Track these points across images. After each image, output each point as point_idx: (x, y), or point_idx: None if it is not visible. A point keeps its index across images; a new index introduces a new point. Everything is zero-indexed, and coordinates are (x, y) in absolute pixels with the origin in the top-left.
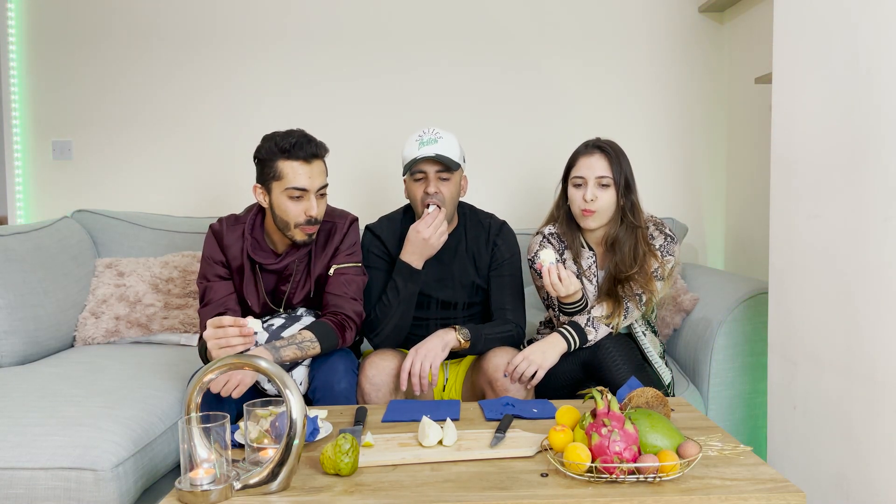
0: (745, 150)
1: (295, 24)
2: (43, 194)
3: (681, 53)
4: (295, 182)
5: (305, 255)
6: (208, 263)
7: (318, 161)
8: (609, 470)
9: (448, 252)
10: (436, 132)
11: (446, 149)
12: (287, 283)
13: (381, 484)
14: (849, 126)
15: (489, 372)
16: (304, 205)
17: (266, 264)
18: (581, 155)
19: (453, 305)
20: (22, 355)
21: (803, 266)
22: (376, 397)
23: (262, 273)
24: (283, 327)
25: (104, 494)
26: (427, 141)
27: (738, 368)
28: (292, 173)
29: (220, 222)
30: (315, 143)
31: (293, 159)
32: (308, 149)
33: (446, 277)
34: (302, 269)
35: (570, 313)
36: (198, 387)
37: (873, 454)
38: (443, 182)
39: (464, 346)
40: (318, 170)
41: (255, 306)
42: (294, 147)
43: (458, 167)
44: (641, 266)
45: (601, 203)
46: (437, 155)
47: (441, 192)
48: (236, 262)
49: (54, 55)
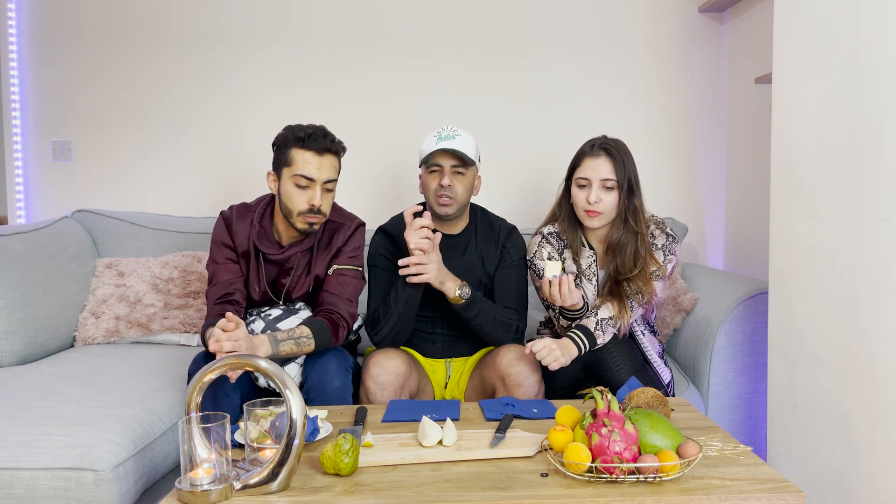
0: (745, 150)
1: (296, 25)
2: (43, 194)
3: (681, 53)
4: (303, 170)
5: (307, 251)
6: (217, 247)
7: (330, 156)
8: (609, 470)
9: (457, 249)
10: (454, 129)
11: (463, 145)
12: (287, 275)
13: (381, 484)
14: (849, 126)
15: (502, 367)
16: (308, 194)
17: (269, 254)
18: (586, 156)
19: None
20: (22, 355)
21: (803, 266)
22: (381, 396)
23: (265, 263)
24: (279, 319)
25: (104, 495)
26: (445, 136)
27: (738, 368)
28: (302, 161)
29: (230, 209)
30: (330, 139)
31: (306, 149)
32: (322, 142)
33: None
34: (303, 264)
35: (570, 318)
36: (198, 387)
37: (873, 454)
38: (457, 176)
39: (454, 300)
40: (328, 163)
41: (256, 294)
42: (309, 137)
43: (473, 163)
44: (642, 269)
45: (605, 205)
46: (454, 149)
47: (454, 186)
48: (242, 249)
49: (54, 55)
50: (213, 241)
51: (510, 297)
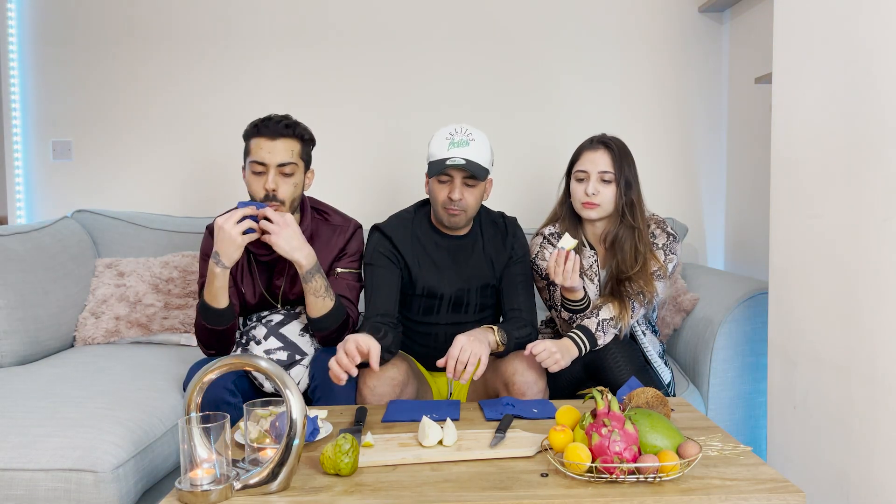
0: (745, 150)
1: (297, 25)
2: (43, 194)
3: (681, 53)
4: (256, 156)
5: None
6: (205, 261)
7: (285, 139)
8: (609, 470)
9: (464, 252)
10: (468, 132)
11: (477, 154)
12: (281, 277)
13: (381, 484)
14: (849, 126)
15: (507, 374)
16: (263, 179)
17: (259, 255)
18: (585, 150)
19: (464, 308)
20: (22, 355)
21: (803, 266)
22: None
23: (258, 265)
24: (281, 324)
25: (104, 496)
26: (458, 142)
27: (738, 368)
28: (256, 147)
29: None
30: (285, 123)
31: (260, 136)
32: (275, 127)
33: (461, 278)
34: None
35: (571, 310)
36: (198, 387)
37: (873, 454)
38: (468, 188)
39: (498, 349)
40: (281, 146)
41: (252, 298)
42: (262, 123)
43: (486, 176)
44: (643, 267)
45: (602, 198)
46: (468, 162)
47: (465, 199)
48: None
49: (54, 55)
50: (201, 256)
51: (521, 300)
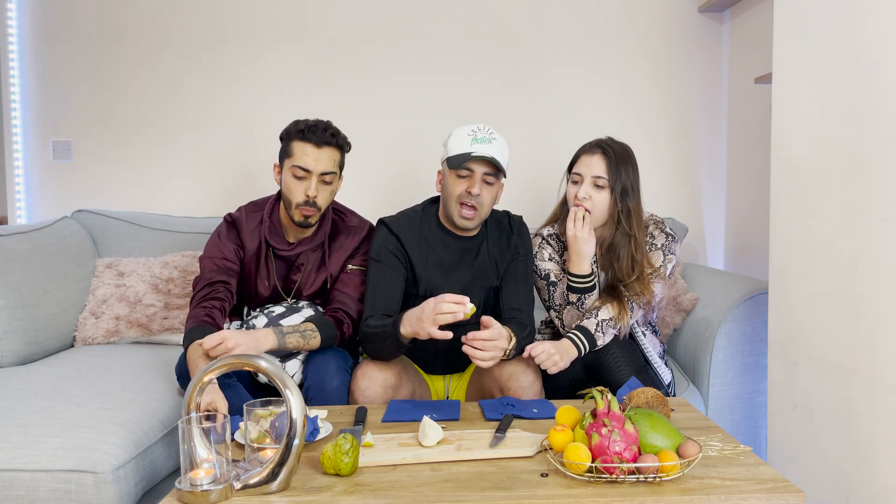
0: (745, 150)
1: (298, 25)
2: (43, 194)
3: (681, 53)
4: (300, 161)
5: (318, 247)
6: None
7: (330, 148)
8: (609, 470)
9: (471, 254)
10: (490, 131)
11: (498, 152)
12: (298, 272)
13: (381, 484)
14: (849, 126)
15: (502, 379)
16: (304, 184)
17: (278, 249)
18: (584, 152)
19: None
20: (22, 355)
21: (803, 266)
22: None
23: (276, 259)
24: (282, 315)
25: (104, 497)
26: (482, 139)
27: (738, 368)
28: (300, 152)
29: (239, 210)
30: (331, 132)
31: (305, 141)
32: (322, 135)
33: (465, 280)
34: (313, 262)
35: (577, 290)
36: (198, 387)
37: (873, 454)
38: (486, 185)
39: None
40: (326, 155)
41: (266, 290)
42: (308, 129)
43: (504, 175)
44: (640, 275)
45: (593, 203)
46: (493, 157)
47: (482, 195)
48: (252, 245)
49: (54, 55)
50: (211, 238)
51: (521, 301)
